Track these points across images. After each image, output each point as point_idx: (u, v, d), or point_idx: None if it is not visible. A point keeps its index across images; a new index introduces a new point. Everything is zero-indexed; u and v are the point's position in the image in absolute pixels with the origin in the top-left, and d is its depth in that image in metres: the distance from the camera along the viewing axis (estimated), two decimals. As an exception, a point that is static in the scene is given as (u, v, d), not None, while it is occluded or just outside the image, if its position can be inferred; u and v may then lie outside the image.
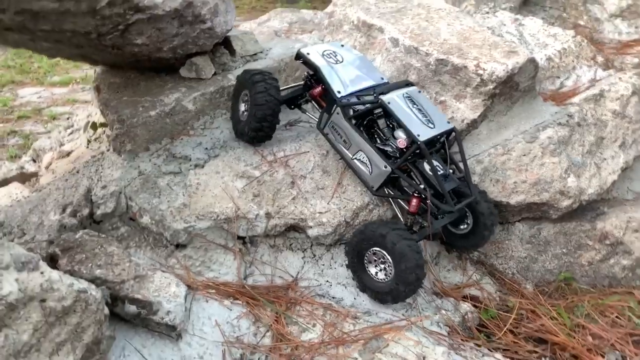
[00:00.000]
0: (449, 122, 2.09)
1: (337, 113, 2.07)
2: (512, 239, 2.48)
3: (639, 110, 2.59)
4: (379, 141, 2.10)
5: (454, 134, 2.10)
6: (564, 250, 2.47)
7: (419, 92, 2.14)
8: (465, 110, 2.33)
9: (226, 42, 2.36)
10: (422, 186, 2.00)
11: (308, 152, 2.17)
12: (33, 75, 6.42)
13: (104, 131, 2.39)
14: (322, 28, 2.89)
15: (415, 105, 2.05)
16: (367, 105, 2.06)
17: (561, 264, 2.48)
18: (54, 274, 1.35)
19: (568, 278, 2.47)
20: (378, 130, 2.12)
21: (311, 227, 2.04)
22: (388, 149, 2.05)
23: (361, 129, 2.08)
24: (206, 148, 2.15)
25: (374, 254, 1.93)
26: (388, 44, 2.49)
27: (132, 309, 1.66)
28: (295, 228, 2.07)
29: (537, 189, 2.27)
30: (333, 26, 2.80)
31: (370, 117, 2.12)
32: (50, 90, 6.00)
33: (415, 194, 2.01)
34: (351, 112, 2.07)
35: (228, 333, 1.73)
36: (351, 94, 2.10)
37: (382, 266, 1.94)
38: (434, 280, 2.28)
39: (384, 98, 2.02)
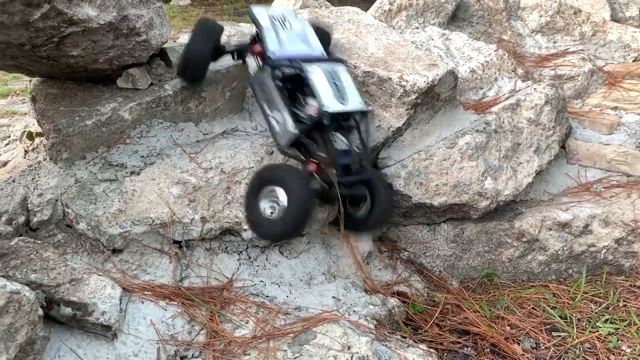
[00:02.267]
0: (362, 103, 2.23)
1: (266, 71, 2.21)
2: (438, 239, 2.66)
3: (552, 118, 2.83)
4: (298, 106, 2.23)
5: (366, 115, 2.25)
6: (486, 248, 2.66)
7: (346, 70, 2.28)
8: (390, 118, 2.49)
9: (162, 54, 2.44)
10: (321, 154, 2.15)
11: (243, 158, 2.27)
12: (-30, 88, 6.24)
13: (41, 141, 2.41)
14: (259, 41, 3.01)
15: (334, 80, 2.19)
16: (291, 69, 2.21)
17: (484, 261, 2.67)
18: (-14, 276, 1.40)
19: (490, 274, 2.66)
20: (300, 96, 2.25)
21: (246, 230, 2.14)
22: (301, 114, 2.18)
23: (284, 91, 2.21)
24: (142, 156, 2.23)
25: (271, 192, 2.04)
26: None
27: (67, 311, 1.71)
28: (230, 231, 2.17)
29: (457, 191, 2.45)
30: (269, 39, 2.93)
31: (296, 82, 2.25)
32: (-12, 102, 5.86)
33: (314, 160, 2.16)
34: (278, 73, 2.21)
35: (163, 332, 1.80)
36: (284, 57, 2.23)
37: (274, 203, 2.04)
38: (365, 278, 2.42)
39: (307, 66, 2.17)
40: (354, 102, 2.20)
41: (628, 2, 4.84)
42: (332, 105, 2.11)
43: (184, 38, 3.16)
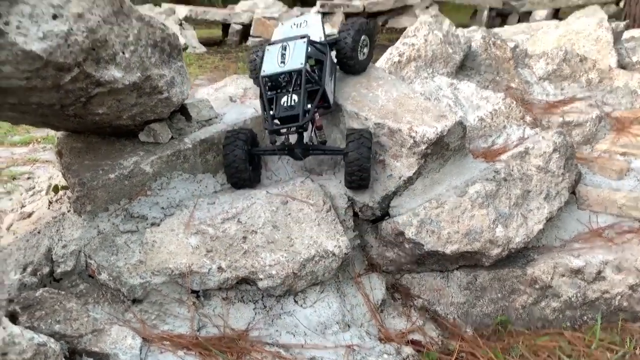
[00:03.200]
0: (301, 64, 2.42)
1: None
2: (451, 286, 2.68)
3: (560, 165, 2.88)
4: None
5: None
6: (499, 295, 2.67)
7: (303, 42, 2.50)
8: (402, 168, 2.56)
9: (183, 109, 2.55)
10: (267, 109, 2.41)
11: (259, 208, 2.35)
12: (-7, 135, 6.43)
13: (65, 193, 2.51)
14: (274, 93, 3.13)
15: (283, 51, 2.47)
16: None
17: (497, 308, 2.68)
18: (15, 329, 1.46)
19: (504, 321, 2.67)
20: None
21: (261, 280, 2.19)
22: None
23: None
24: (162, 207, 2.31)
25: None
26: (334, 107, 2.73)
27: (89, 361, 1.77)
28: (246, 280, 2.22)
29: (468, 238, 2.49)
30: (283, 92, 3.05)
31: None
32: (11, 149, 6.03)
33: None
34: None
35: (181, 382, 1.84)
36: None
37: None
38: (379, 327, 2.44)
39: (269, 46, 2.53)
40: (292, 64, 2.43)
41: (635, 46, 4.94)
42: (267, 69, 2.43)
43: (202, 92, 3.30)
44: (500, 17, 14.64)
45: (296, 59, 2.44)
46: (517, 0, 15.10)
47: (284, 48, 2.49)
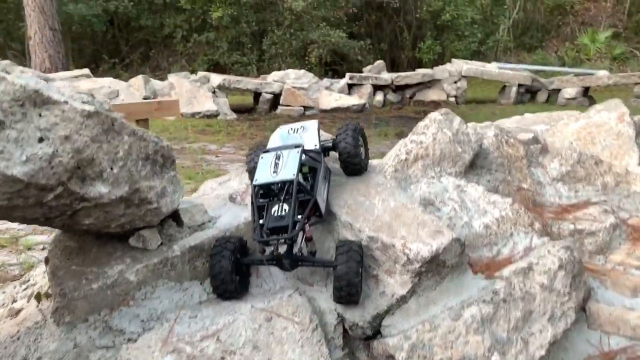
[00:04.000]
0: (293, 174, 2.42)
1: None
2: (445, 413, 2.51)
3: (566, 283, 2.74)
4: None
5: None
6: None
7: (297, 152, 2.53)
8: (395, 285, 2.47)
9: (175, 215, 2.54)
10: (257, 218, 2.39)
11: (241, 325, 2.28)
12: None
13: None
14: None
15: (277, 160, 2.50)
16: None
17: None
18: None
19: None
20: None
21: (236, 405, 2.09)
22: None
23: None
24: (142, 320, 2.26)
25: None
26: (325, 216, 2.69)
27: None
28: (221, 405, 2.12)
29: (461, 367, 2.36)
30: (283, 193, 3.03)
31: None
32: (32, 217, 6.14)
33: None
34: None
35: None
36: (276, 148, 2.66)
37: None
38: None
39: (264, 154, 2.58)
40: (284, 174, 2.44)
41: (660, 139, 4.80)
42: (260, 178, 2.45)
43: (207, 185, 3.31)
44: (529, 94, 14.66)
45: (289, 169, 2.45)
46: (547, 77, 15.15)
47: (278, 157, 2.51)
